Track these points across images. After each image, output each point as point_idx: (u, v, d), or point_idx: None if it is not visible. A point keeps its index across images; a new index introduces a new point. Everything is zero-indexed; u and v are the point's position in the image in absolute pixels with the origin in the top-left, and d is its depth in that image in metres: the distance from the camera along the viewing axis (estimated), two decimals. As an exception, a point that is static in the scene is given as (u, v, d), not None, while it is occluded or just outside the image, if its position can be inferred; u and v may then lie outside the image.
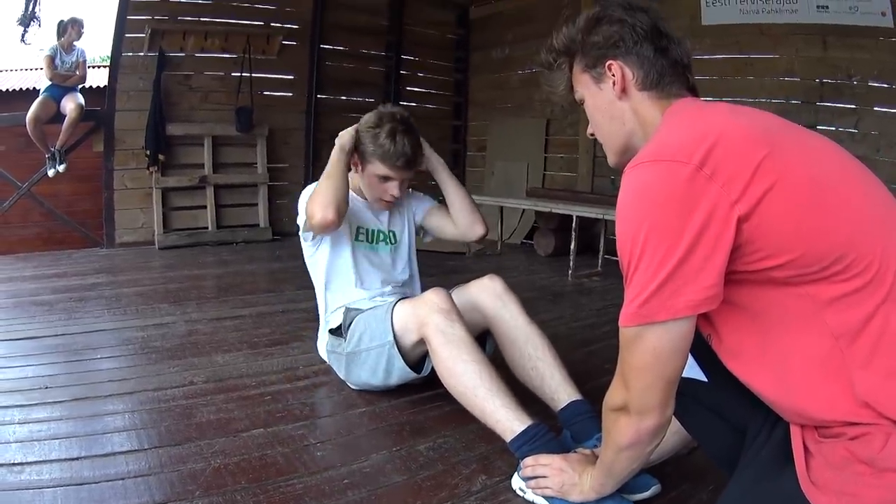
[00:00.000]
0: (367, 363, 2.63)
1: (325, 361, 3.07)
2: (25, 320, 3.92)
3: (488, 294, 2.62)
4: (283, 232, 7.56)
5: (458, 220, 3.02)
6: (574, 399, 2.28)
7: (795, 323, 1.23)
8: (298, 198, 2.94)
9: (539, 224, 7.21)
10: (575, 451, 2.01)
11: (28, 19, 6.14)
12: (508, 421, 2.06)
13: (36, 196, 6.71)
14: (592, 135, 1.68)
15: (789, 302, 1.23)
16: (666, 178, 1.19)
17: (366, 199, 3.01)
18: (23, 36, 6.22)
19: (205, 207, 7.15)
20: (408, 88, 8.90)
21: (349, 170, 2.83)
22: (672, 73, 1.49)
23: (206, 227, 7.14)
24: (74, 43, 6.29)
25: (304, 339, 3.55)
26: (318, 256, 2.98)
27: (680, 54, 1.51)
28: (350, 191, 2.90)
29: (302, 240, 2.99)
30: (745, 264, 1.21)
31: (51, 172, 6.26)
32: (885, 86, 5.35)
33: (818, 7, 5.49)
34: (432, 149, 3.04)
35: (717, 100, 6.02)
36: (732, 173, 1.16)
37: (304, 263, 3.08)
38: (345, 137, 2.80)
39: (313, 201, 2.69)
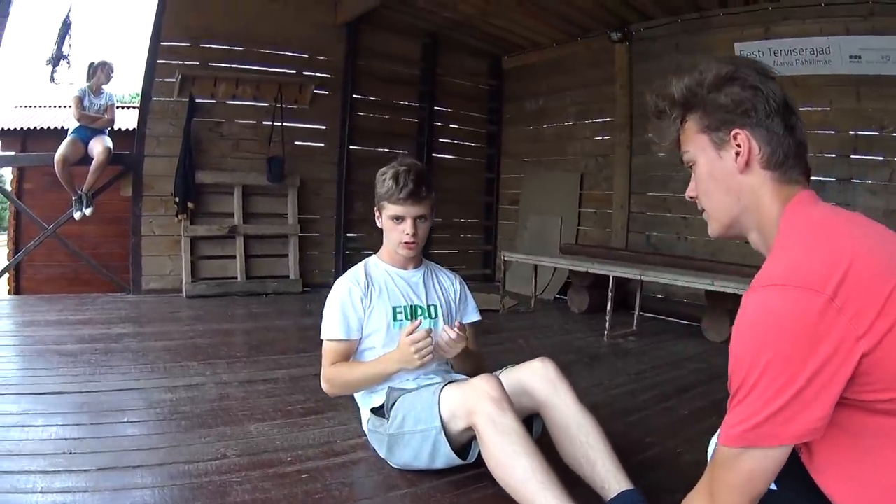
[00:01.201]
0: (411, 446, 2.53)
1: (362, 435, 2.95)
2: (49, 372, 3.82)
3: (540, 379, 2.52)
4: (314, 284, 7.48)
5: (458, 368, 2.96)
6: (625, 489, 2.20)
7: (888, 447, 1.23)
8: (329, 297, 2.93)
9: (573, 280, 7.05)
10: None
11: (57, 59, 6.15)
12: None
13: (62, 238, 6.64)
14: (693, 198, 1.56)
15: (887, 428, 1.22)
16: (798, 308, 1.16)
17: (396, 265, 2.99)
18: (52, 75, 6.22)
19: (234, 257, 7.07)
20: (440, 140, 8.86)
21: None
22: (795, 155, 1.40)
23: (236, 278, 7.05)
24: (103, 87, 6.29)
25: (339, 408, 3.38)
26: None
27: (803, 134, 1.42)
28: (380, 260, 3.01)
29: None
30: (854, 393, 1.19)
31: (77, 215, 6.21)
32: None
33: (851, 57, 5.48)
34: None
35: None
36: (861, 306, 1.14)
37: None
38: (403, 363, 2.65)
39: (340, 374, 2.83)
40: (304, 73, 7.57)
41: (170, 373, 3.98)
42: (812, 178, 1.44)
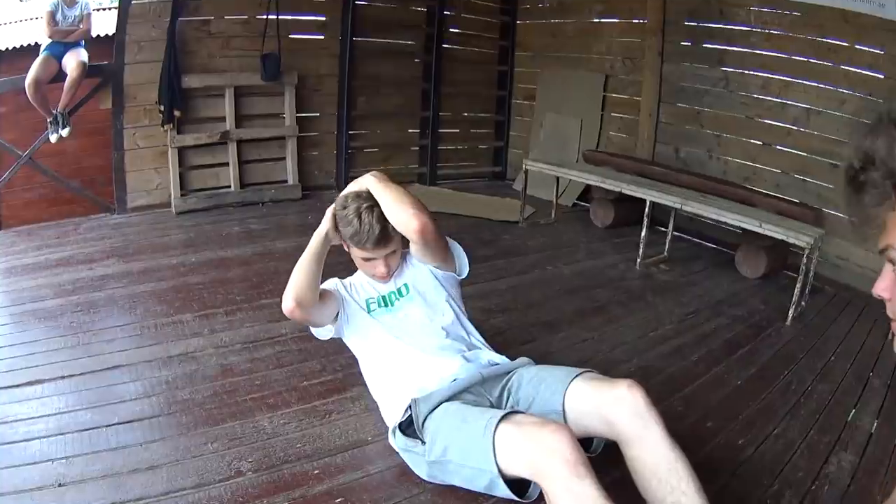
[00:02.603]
0: (460, 475, 2.24)
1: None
2: (27, 347, 3.37)
3: (626, 409, 2.16)
4: (314, 186, 7.00)
5: (395, 226, 2.58)
6: None
7: None
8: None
9: (595, 192, 6.49)
10: None
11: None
12: None
13: (39, 164, 5.98)
14: (883, 298, 1.14)
15: None
16: None
17: None
18: None
19: (227, 165, 6.50)
20: (451, 30, 8.07)
21: (324, 255, 2.67)
22: None
23: (229, 187, 6.50)
24: None
25: (361, 383, 2.95)
26: (350, 342, 2.84)
27: None
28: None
29: None
30: None
31: (53, 138, 5.57)
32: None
33: (905, 7, 4.92)
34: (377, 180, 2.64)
35: (797, 81, 5.47)
36: None
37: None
38: (326, 225, 2.66)
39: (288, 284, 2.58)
40: (302, -41, 6.74)
41: (161, 333, 3.58)
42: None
